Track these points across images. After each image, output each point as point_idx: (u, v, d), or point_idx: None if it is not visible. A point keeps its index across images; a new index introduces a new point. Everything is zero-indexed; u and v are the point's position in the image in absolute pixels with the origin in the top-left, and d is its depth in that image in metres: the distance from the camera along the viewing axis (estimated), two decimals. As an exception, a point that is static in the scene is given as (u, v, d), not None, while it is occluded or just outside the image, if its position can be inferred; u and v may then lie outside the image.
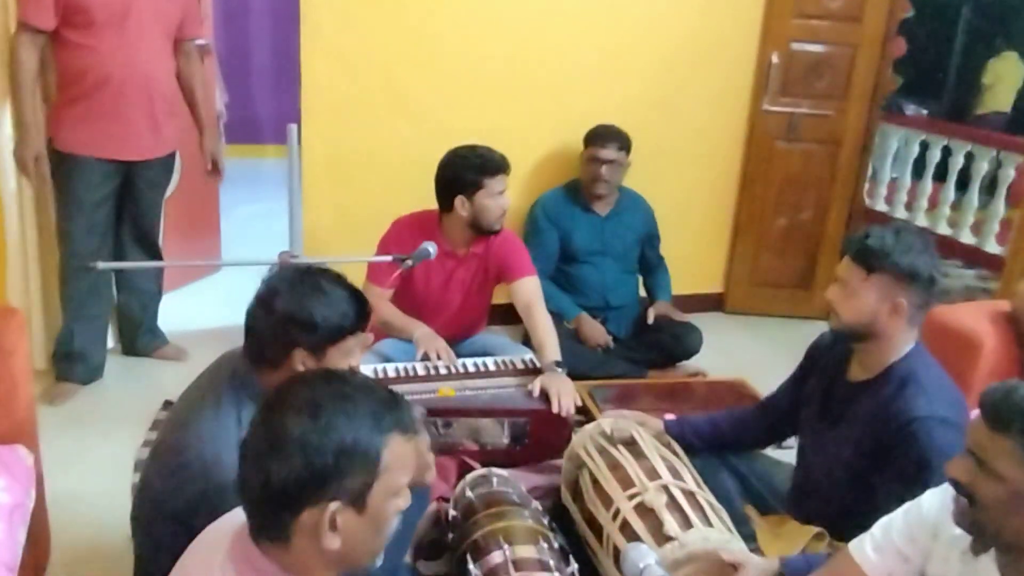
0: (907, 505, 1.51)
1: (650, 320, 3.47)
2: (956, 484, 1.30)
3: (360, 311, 1.61)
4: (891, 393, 1.82)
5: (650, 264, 3.64)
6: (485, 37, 3.51)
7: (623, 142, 3.44)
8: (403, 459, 1.11)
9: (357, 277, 2.85)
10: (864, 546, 1.53)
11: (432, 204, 2.83)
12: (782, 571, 1.68)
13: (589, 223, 3.49)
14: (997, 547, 1.31)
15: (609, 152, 3.39)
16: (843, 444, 1.92)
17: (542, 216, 3.47)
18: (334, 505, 1.04)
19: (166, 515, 1.53)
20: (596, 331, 3.35)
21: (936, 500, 1.45)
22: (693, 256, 4.03)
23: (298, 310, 1.53)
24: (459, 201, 2.72)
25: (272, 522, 1.07)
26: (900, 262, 1.78)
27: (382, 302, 2.74)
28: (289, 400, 1.07)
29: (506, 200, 2.78)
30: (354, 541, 1.08)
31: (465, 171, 2.72)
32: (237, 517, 1.15)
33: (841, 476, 1.92)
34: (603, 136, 3.43)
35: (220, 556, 1.12)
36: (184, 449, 1.54)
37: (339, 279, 1.61)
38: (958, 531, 1.36)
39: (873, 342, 1.86)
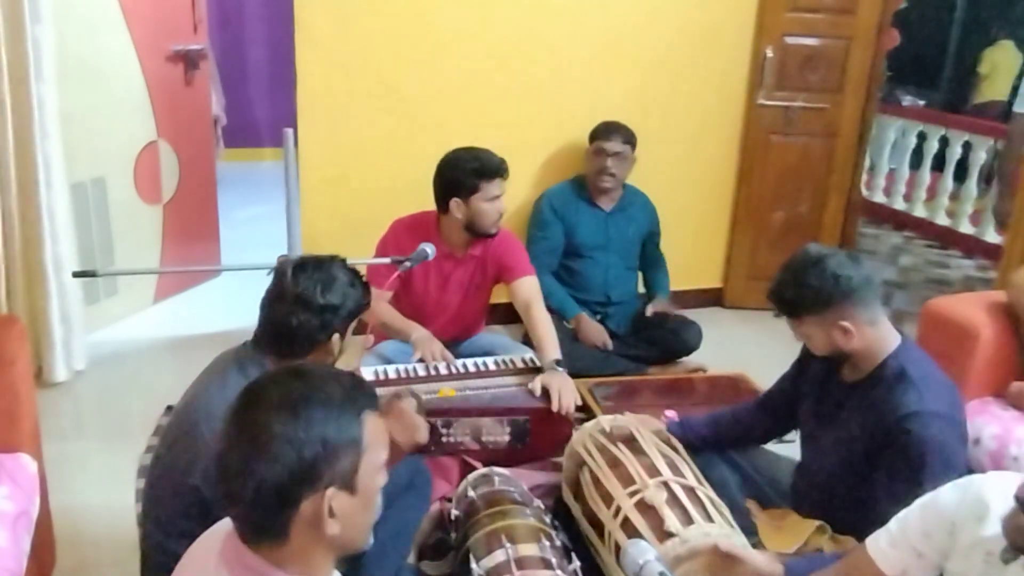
0: (924, 499, 1.48)
1: (648, 312, 3.48)
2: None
3: (366, 286, 1.82)
4: (883, 391, 1.83)
5: (649, 260, 3.65)
6: (480, 36, 3.51)
7: (628, 136, 3.45)
8: (380, 435, 1.15)
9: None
10: (879, 541, 1.50)
11: (431, 205, 2.83)
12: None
13: (593, 218, 3.50)
14: None
15: (614, 144, 3.40)
16: (839, 444, 1.93)
17: (548, 209, 3.48)
18: (330, 491, 1.07)
19: (182, 490, 1.58)
20: (595, 331, 3.35)
21: (954, 496, 1.41)
22: (691, 251, 4.04)
23: (339, 301, 1.71)
24: (454, 203, 2.73)
25: (270, 522, 1.08)
26: (805, 302, 1.84)
27: (381, 303, 2.74)
28: (263, 402, 1.09)
29: (501, 205, 2.77)
30: (351, 523, 1.11)
31: (461, 174, 2.72)
32: (228, 522, 1.16)
33: (840, 473, 1.92)
34: (608, 129, 3.44)
35: (213, 559, 1.13)
36: (194, 423, 1.62)
37: (342, 263, 1.79)
38: (985, 532, 1.32)
39: (856, 355, 1.89)
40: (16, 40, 2.82)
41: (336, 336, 1.74)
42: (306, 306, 1.68)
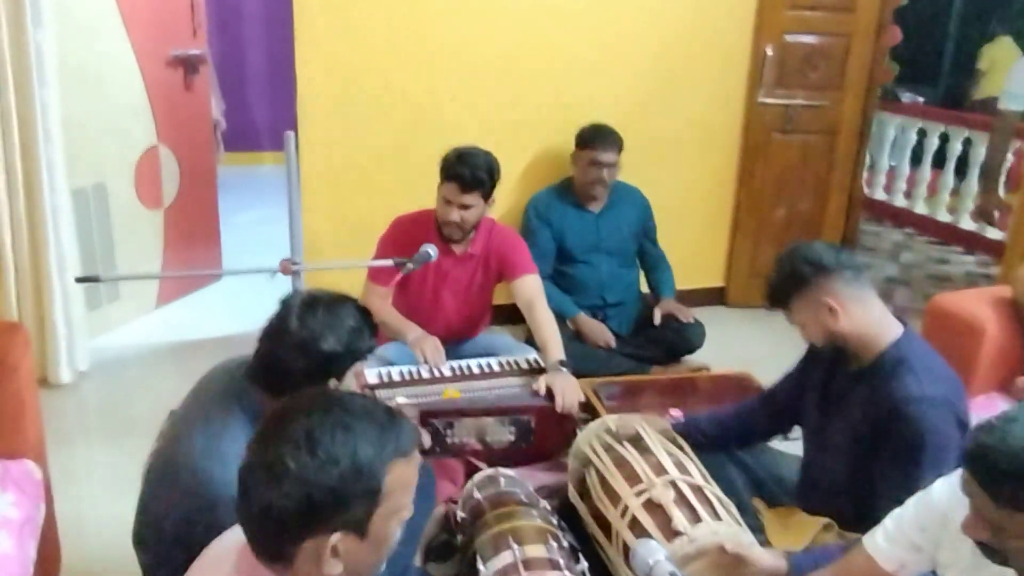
0: (918, 495, 1.52)
1: (656, 321, 3.40)
2: (982, 544, 1.26)
3: (374, 329, 1.70)
4: (883, 379, 1.84)
5: (651, 259, 3.61)
6: (480, 38, 3.50)
7: (619, 143, 3.40)
8: (405, 481, 1.11)
9: (357, 280, 2.88)
10: (876, 537, 1.54)
11: (429, 204, 2.83)
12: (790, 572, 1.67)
13: (582, 221, 3.46)
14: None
15: (610, 156, 3.36)
16: (842, 434, 1.93)
17: (534, 216, 3.45)
18: (335, 536, 1.04)
19: (166, 534, 1.54)
20: (597, 330, 3.33)
21: (946, 489, 1.45)
22: (693, 251, 4.03)
23: (342, 350, 1.60)
24: (437, 188, 2.75)
25: (274, 548, 1.07)
26: (785, 285, 1.92)
27: (382, 302, 2.74)
28: (287, 431, 1.05)
29: (458, 215, 2.69)
30: (356, 563, 1.08)
31: (440, 163, 2.73)
32: (240, 533, 1.15)
33: (844, 466, 1.92)
34: (603, 139, 3.37)
35: (226, 570, 1.12)
36: (177, 467, 1.57)
37: (354, 304, 1.67)
38: None
39: (852, 340, 1.90)
40: (19, 45, 2.83)
41: (332, 381, 1.65)
42: (306, 352, 1.58)
